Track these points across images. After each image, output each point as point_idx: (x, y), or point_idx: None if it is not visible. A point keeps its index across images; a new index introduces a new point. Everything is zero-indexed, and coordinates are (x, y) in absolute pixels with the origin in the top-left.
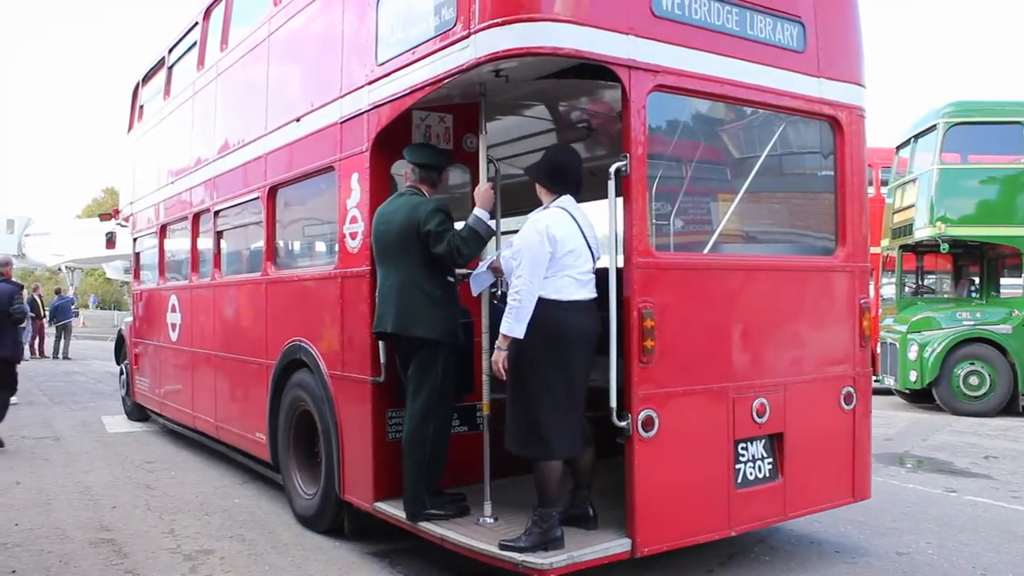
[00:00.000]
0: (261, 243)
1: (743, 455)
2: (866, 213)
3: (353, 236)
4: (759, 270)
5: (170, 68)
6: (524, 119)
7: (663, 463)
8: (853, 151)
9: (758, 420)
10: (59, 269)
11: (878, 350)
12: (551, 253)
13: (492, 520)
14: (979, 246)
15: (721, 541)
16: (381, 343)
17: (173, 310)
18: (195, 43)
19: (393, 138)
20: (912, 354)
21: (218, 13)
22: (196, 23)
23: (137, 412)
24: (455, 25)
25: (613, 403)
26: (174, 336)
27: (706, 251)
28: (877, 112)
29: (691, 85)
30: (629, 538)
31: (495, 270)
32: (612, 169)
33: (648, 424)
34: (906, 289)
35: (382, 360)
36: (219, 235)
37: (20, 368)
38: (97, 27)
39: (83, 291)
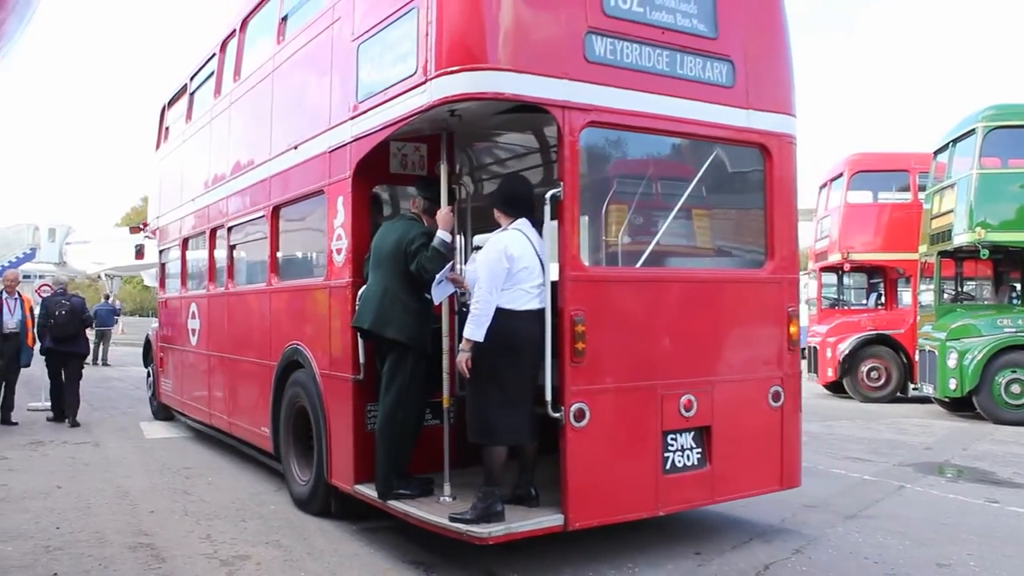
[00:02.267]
0: (266, 256)
1: (672, 445)
2: (796, 230)
3: (339, 252)
4: (688, 281)
5: (191, 94)
6: (526, 138)
7: (594, 450)
8: (782, 174)
9: (686, 414)
10: (99, 277)
11: (916, 358)
12: (508, 269)
13: (451, 499)
14: (1020, 252)
15: (756, 549)
16: (361, 346)
17: (193, 317)
18: (212, 73)
19: (373, 166)
20: (951, 362)
21: (232, 46)
22: (214, 54)
23: (162, 412)
24: (416, 72)
25: (548, 397)
26: (194, 341)
27: (639, 264)
28: (911, 117)
29: (623, 120)
30: (562, 514)
31: (455, 281)
32: (548, 195)
33: (579, 416)
34: (945, 296)
35: (361, 360)
36: (232, 248)
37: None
38: (137, 35)
39: (121, 298)
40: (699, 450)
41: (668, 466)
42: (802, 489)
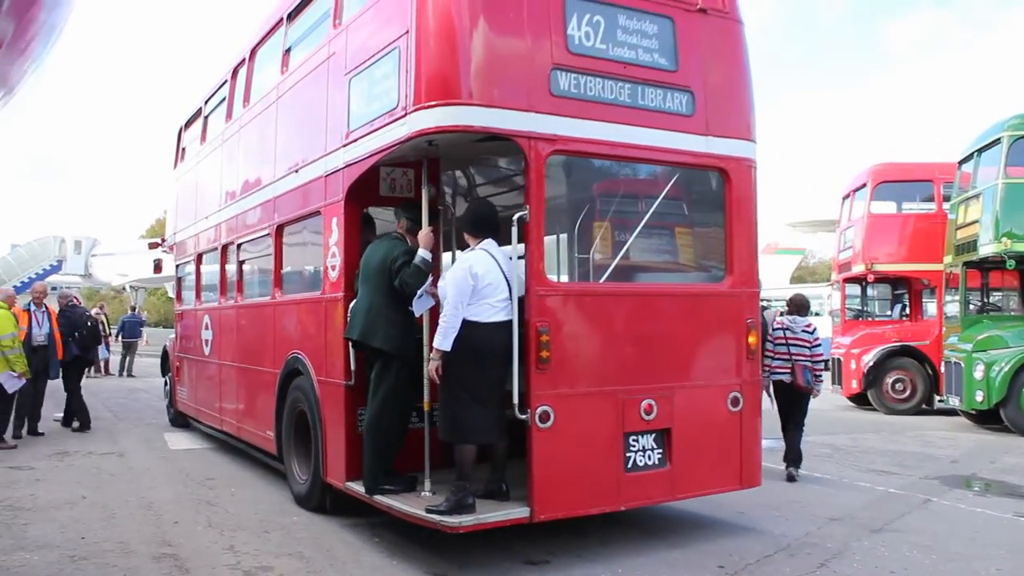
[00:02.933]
0: (271, 271)
1: (633, 445)
2: (755, 247)
3: (333, 268)
4: (649, 295)
5: (205, 117)
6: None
7: (558, 449)
8: (741, 195)
9: (646, 417)
10: (124, 288)
11: (942, 369)
12: (473, 286)
13: (431, 494)
14: None
15: (780, 563)
16: (352, 355)
17: (206, 328)
18: (224, 98)
19: (365, 189)
20: (978, 374)
21: (242, 73)
22: (226, 80)
23: (179, 419)
24: (397, 106)
25: (516, 400)
26: (207, 351)
27: (602, 280)
28: (936, 127)
29: (586, 148)
30: (528, 507)
31: (434, 295)
32: (515, 218)
33: (544, 417)
34: (971, 307)
35: (352, 368)
36: (241, 264)
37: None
38: (166, 47)
39: (145, 309)
40: (660, 451)
41: (630, 465)
42: (827, 502)
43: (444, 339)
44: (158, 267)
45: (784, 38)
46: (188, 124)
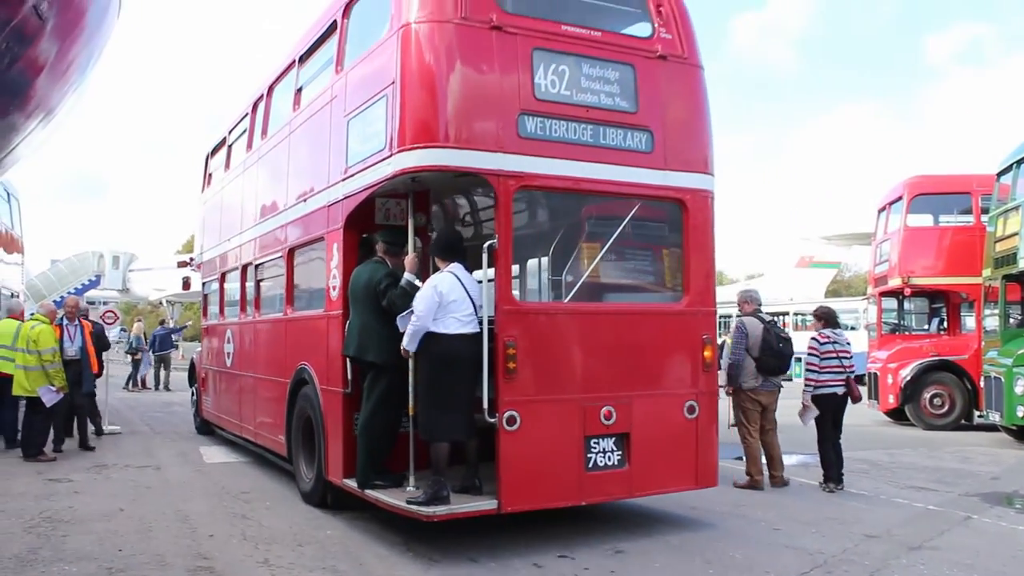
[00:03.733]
0: (283, 290)
1: (594, 447)
2: (711, 268)
3: (334, 288)
4: (609, 313)
5: (229, 146)
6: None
7: (524, 449)
8: (697, 222)
9: (606, 422)
10: (160, 303)
11: (981, 384)
12: (438, 302)
13: (415, 489)
14: None
15: None
16: (349, 365)
17: (228, 341)
18: (245, 130)
19: (362, 217)
20: (1019, 388)
21: (261, 107)
22: (247, 113)
23: (204, 427)
24: (384, 147)
25: (486, 405)
26: (229, 363)
27: (567, 299)
28: (976, 139)
29: (550, 184)
30: (497, 500)
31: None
32: (486, 246)
33: (511, 421)
34: (1010, 320)
35: (349, 377)
36: (258, 283)
37: (121, 398)
38: (205, 62)
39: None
40: (619, 452)
41: (590, 465)
42: (864, 518)
43: (410, 342)
44: (186, 284)
45: (823, 49)
46: (214, 151)
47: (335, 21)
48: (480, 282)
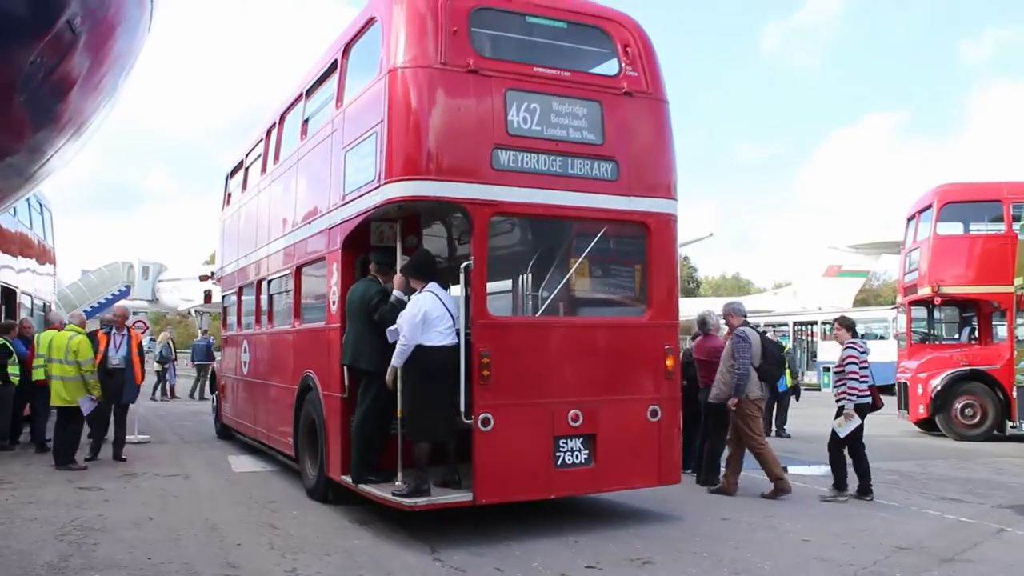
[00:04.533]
0: (291, 304)
1: (563, 447)
2: (674, 284)
3: (333, 303)
4: (577, 326)
5: (246, 169)
6: None
7: (497, 448)
8: (660, 243)
9: (573, 424)
10: (189, 313)
11: (1013, 394)
12: (422, 320)
13: (402, 483)
14: None
15: None
16: (345, 372)
17: (244, 351)
18: (260, 155)
19: (358, 239)
20: None
21: (274, 134)
22: (261, 139)
23: (224, 431)
24: (374, 179)
25: (462, 408)
26: (245, 371)
27: (538, 314)
28: (1006, 146)
29: (521, 210)
30: (472, 493)
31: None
32: (463, 267)
33: (486, 422)
34: None
35: (346, 383)
36: (271, 297)
37: (150, 407)
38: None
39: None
40: (586, 451)
41: (559, 462)
42: (894, 530)
43: (398, 358)
44: (208, 297)
45: (853, 55)
46: (233, 173)
47: (336, 60)
48: (457, 296)
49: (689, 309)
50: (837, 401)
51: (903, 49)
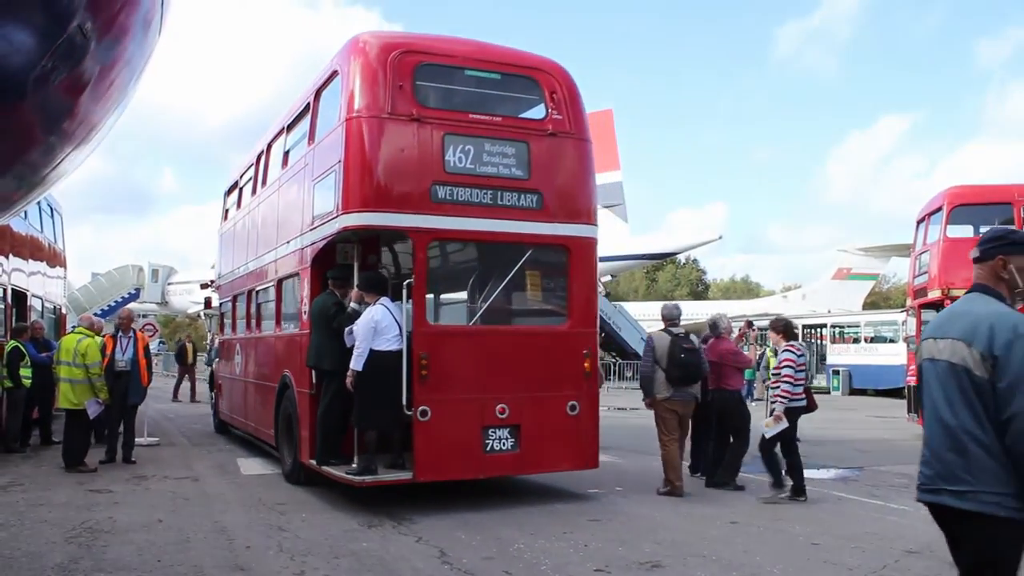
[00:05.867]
0: (274, 312)
1: (491, 435)
2: (593, 296)
3: (304, 313)
4: (505, 332)
5: (240, 188)
6: None
7: (433, 435)
8: (580, 262)
9: (500, 417)
10: (198, 316)
11: None
12: (374, 328)
13: (354, 466)
14: None
15: None
16: (313, 373)
17: (237, 353)
18: (251, 178)
19: (325, 258)
20: None
21: (262, 160)
22: (252, 164)
23: (221, 426)
24: (334, 209)
25: (405, 401)
26: (238, 371)
27: (471, 323)
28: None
29: (456, 236)
30: (411, 472)
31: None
32: (405, 284)
33: (424, 414)
34: None
35: (313, 381)
36: (259, 306)
37: (161, 409)
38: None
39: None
40: (512, 439)
41: (488, 448)
42: (904, 534)
43: (356, 362)
44: (208, 303)
45: (867, 58)
46: (229, 191)
47: (309, 103)
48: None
49: (697, 312)
50: (771, 403)
51: (919, 49)
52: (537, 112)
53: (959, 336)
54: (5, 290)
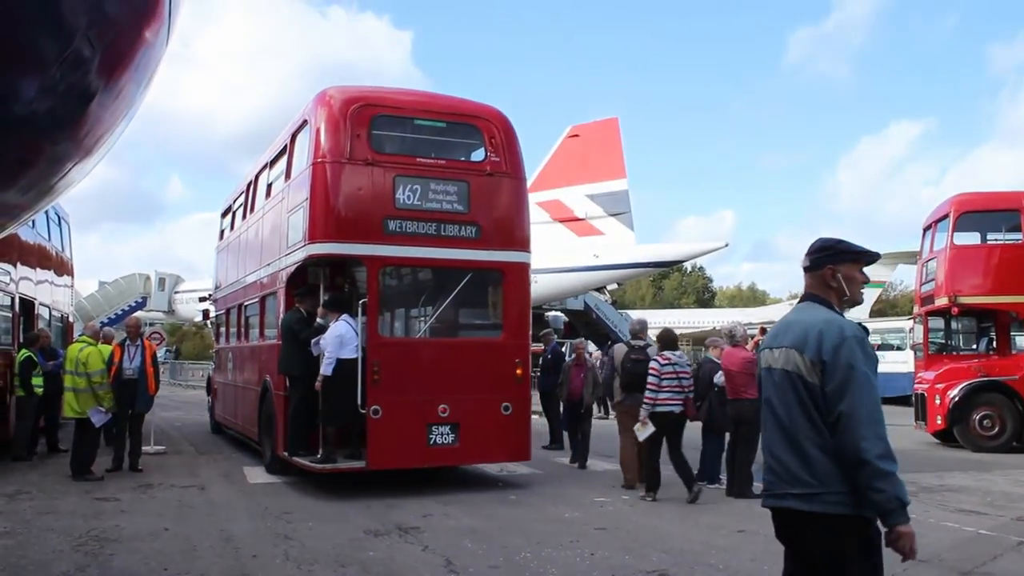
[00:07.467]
0: (258, 324)
1: (434, 431)
2: (526, 311)
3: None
4: (447, 344)
5: (233, 212)
6: None
7: (384, 430)
8: (513, 284)
9: (442, 415)
10: (205, 325)
11: None
12: (339, 340)
13: (317, 456)
14: None
15: None
16: (286, 378)
17: (229, 360)
18: (242, 204)
19: (298, 279)
20: None
21: (251, 189)
22: (243, 191)
23: (216, 427)
24: (302, 239)
25: (359, 401)
26: (229, 377)
27: (417, 336)
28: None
29: (405, 262)
30: (364, 461)
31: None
32: (360, 303)
33: (376, 412)
34: None
35: (287, 385)
36: (247, 318)
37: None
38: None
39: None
40: (452, 435)
41: (431, 442)
42: None
43: (326, 369)
44: (206, 315)
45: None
46: (224, 213)
47: (286, 145)
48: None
49: (703, 320)
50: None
51: (932, 55)
52: (477, 155)
53: (791, 344)
54: (13, 299)
